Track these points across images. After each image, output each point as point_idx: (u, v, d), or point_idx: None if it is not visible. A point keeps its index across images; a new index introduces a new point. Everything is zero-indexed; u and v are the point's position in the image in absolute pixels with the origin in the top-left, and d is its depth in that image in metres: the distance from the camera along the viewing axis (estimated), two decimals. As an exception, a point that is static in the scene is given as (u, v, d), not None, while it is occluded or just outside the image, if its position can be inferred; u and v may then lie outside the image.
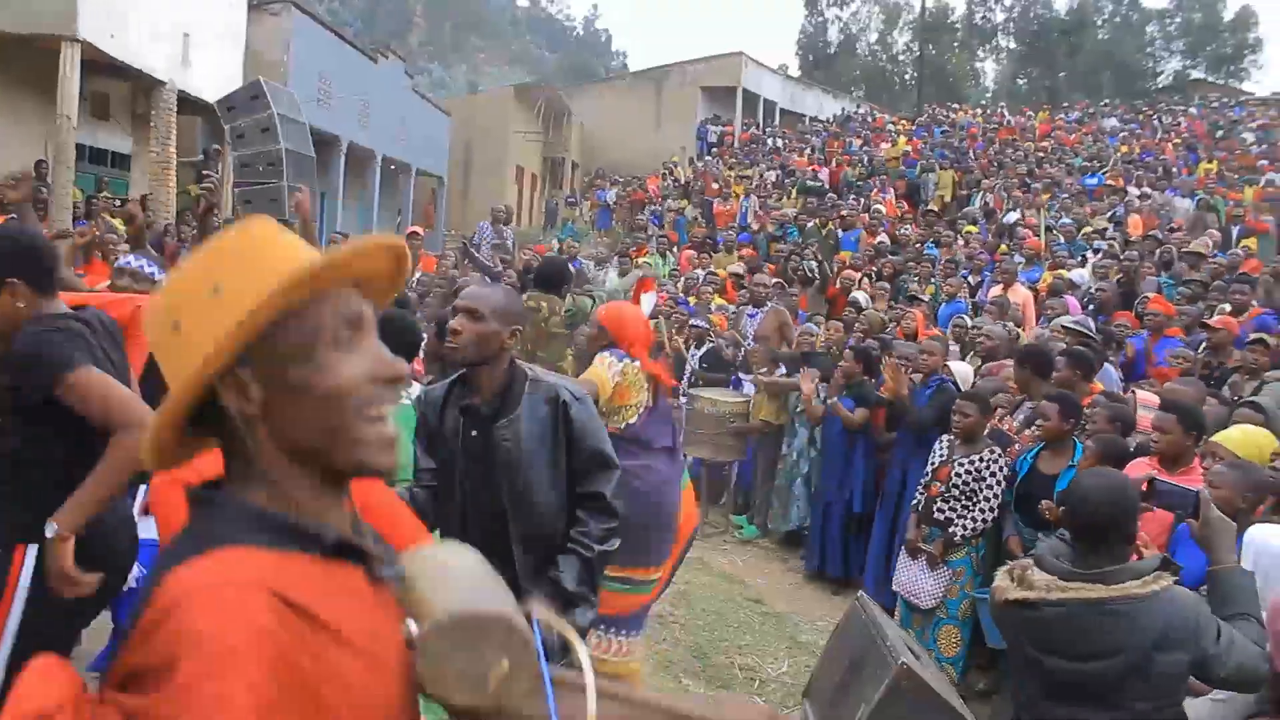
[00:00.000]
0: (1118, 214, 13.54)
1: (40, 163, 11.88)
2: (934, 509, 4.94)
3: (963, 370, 6.27)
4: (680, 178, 21.00)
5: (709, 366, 8.13)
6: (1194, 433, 3.94)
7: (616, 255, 13.13)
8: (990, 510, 4.77)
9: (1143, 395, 5.42)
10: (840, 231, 13.24)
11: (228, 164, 12.75)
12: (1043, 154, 19.34)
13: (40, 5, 11.10)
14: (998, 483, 4.77)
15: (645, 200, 19.73)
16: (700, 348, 8.28)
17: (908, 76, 47.82)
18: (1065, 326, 6.78)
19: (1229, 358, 6.35)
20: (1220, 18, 46.06)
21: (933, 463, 5.09)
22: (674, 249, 14.31)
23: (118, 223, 10.43)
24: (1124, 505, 2.47)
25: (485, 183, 25.64)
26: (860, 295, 9.33)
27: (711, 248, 14.06)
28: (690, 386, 7.91)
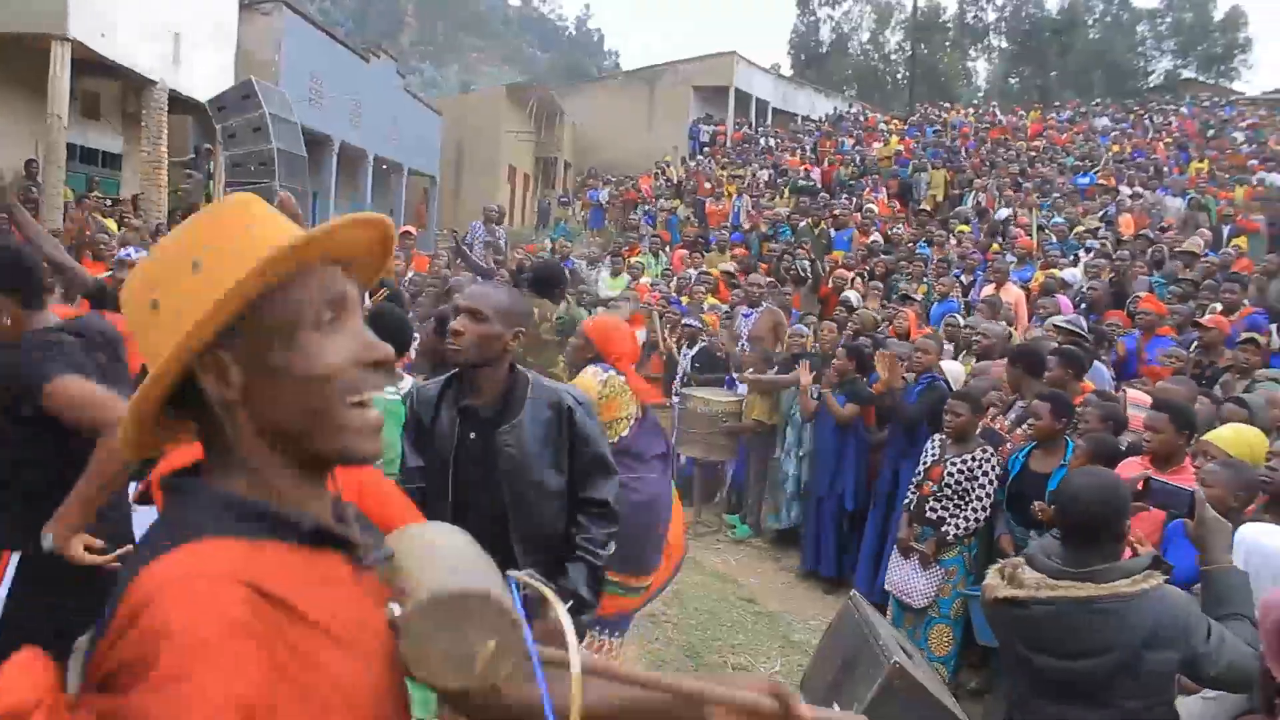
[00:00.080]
0: (1109, 213, 13.57)
1: (31, 162, 11.85)
2: (926, 508, 4.94)
3: (954, 369, 6.29)
4: (673, 177, 20.98)
5: (701, 366, 8.13)
6: (1186, 432, 3.95)
7: (609, 255, 13.09)
8: (982, 509, 4.78)
9: (1133, 394, 5.44)
10: (833, 231, 13.29)
11: (219, 163, 12.73)
12: (1034, 153, 19.38)
13: (31, 4, 11.06)
14: (990, 482, 4.78)
15: (638, 200, 19.74)
16: (693, 347, 8.28)
17: (900, 76, 47.92)
18: (1057, 325, 6.80)
19: (1220, 357, 6.38)
20: (1211, 17, 46.28)
21: (925, 462, 5.09)
22: (666, 248, 14.34)
23: (110, 223, 10.42)
24: (1114, 504, 2.48)
25: (477, 182, 25.58)
26: (852, 294, 9.33)
27: (704, 247, 14.05)
28: (683, 386, 7.92)
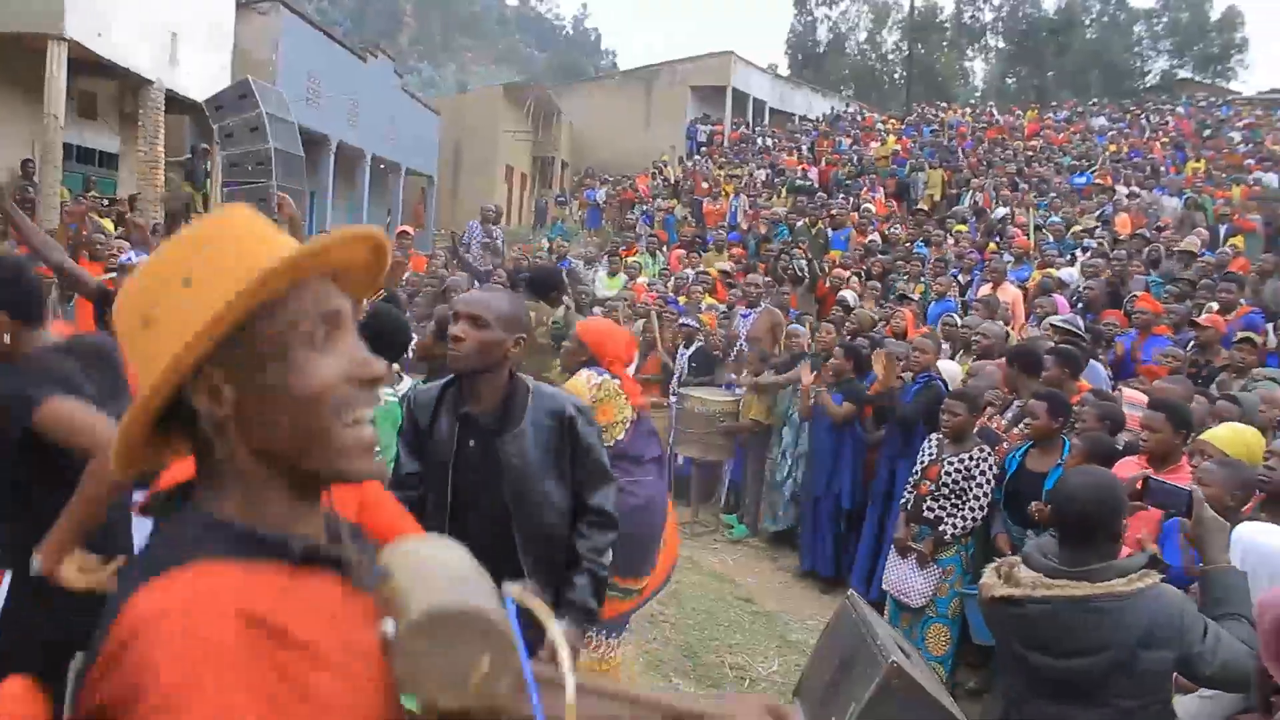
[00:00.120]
0: (1106, 213, 13.59)
1: (27, 162, 11.83)
2: (923, 507, 4.94)
3: (951, 369, 6.29)
4: (670, 177, 20.99)
5: (698, 366, 8.12)
6: (1183, 431, 3.95)
7: (606, 254, 13.10)
8: (980, 509, 4.78)
9: (1130, 393, 5.44)
10: (830, 230, 13.29)
11: (216, 163, 12.72)
12: (1031, 153, 19.41)
13: (27, 4, 11.04)
14: (987, 481, 4.78)
15: (635, 199, 19.73)
16: (690, 347, 8.28)
17: (897, 75, 47.98)
18: (1054, 325, 6.80)
19: (1217, 356, 6.39)
20: (1207, 17, 46.38)
21: (922, 461, 5.09)
22: (664, 248, 14.34)
23: (106, 223, 10.40)
24: (1110, 503, 2.47)
25: (474, 182, 25.57)
26: (849, 294, 9.33)
27: (701, 247, 14.05)
28: (680, 385, 7.91)
